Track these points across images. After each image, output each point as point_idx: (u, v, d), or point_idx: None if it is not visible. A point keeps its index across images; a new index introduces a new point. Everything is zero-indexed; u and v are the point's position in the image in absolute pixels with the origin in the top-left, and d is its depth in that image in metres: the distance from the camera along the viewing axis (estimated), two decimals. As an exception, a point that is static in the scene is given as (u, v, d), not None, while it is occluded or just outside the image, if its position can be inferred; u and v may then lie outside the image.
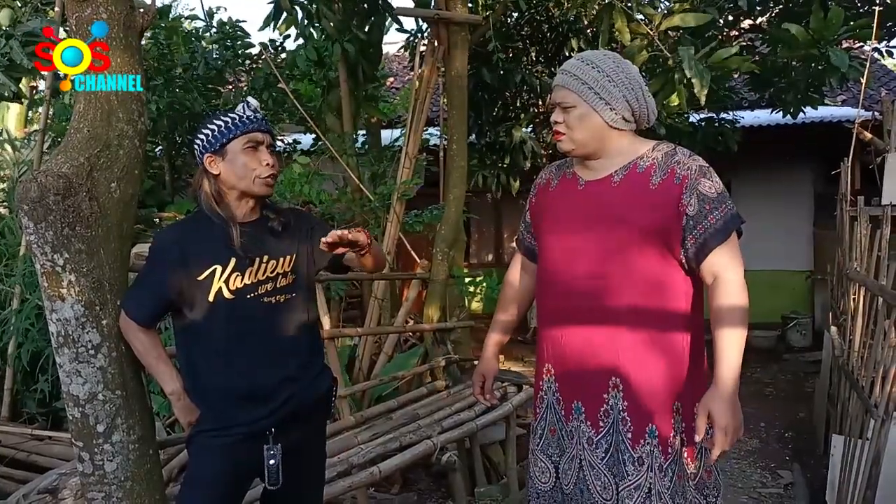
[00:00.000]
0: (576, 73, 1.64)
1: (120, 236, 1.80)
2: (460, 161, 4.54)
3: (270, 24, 4.92)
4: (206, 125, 1.71)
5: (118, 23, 1.80)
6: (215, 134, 1.69)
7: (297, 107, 5.06)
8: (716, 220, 1.57)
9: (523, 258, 1.95)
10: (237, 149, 1.68)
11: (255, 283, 1.70)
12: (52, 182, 1.63)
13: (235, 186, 1.71)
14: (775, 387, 5.87)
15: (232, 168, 1.69)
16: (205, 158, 1.69)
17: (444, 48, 4.47)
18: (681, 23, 3.98)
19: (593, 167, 1.69)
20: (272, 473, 1.69)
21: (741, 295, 1.57)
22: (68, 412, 1.77)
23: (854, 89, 7.25)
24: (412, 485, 3.58)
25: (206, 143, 1.69)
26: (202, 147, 1.70)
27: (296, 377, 1.75)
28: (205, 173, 1.71)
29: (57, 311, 1.70)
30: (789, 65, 4.75)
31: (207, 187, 1.70)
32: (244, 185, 1.70)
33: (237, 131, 1.68)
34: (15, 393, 3.89)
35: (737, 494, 3.60)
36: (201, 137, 1.70)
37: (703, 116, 6.18)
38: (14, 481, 2.98)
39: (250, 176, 1.69)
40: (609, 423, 1.63)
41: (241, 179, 1.69)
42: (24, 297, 3.94)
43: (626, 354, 1.61)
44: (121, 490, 1.78)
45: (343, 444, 2.89)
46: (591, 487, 1.66)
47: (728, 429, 1.49)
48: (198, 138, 1.71)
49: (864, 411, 2.71)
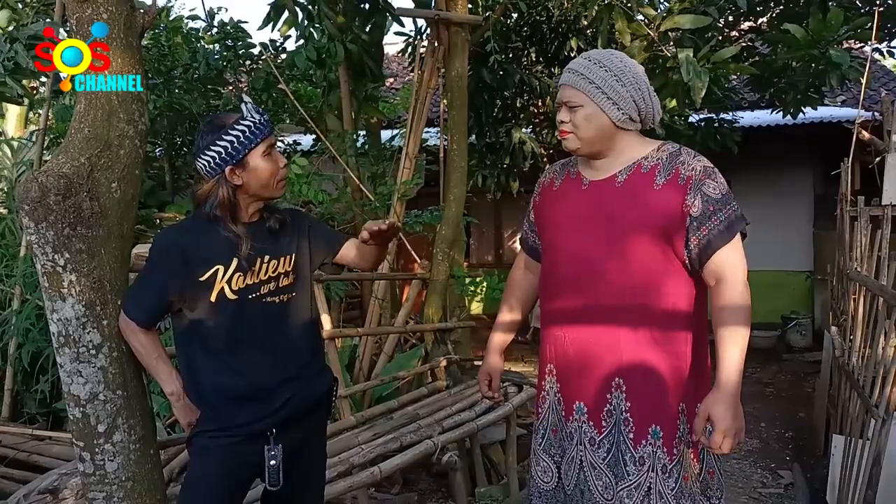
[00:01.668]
0: (583, 72, 1.62)
1: (120, 236, 1.80)
2: (460, 161, 4.54)
3: (270, 25, 4.92)
4: (221, 137, 1.64)
5: (119, 23, 1.80)
6: (235, 146, 1.64)
7: (297, 107, 5.07)
8: (720, 221, 1.55)
9: (527, 257, 1.94)
10: (258, 157, 1.67)
11: (258, 283, 1.70)
12: (52, 182, 1.63)
13: (258, 193, 1.70)
14: (775, 387, 5.87)
15: (255, 177, 1.67)
16: (227, 171, 1.65)
17: (444, 48, 4.47)
18: (679, 25, 3.98)
19: (597, 167, 1.69)
20: (273, 474, 1.69)
21: (744, 297, 1.55)
22: (69, 412, 1.77)
23: (854, 90, 7.24)
24: (413, 485, 3.58)
25: (225, 156, 1.64)
26: (221, 160, 1.64)
27: (297, 377, 1.75)
28: (224, 184, 1.66)
29: (58, 311, 1.70)
30: (789, 65, 4.75)
31: (224, 197, 1.66)
32: (268, 191, 1.71)
33: (256, 140, 1.66)
34: (15, 393, 3.89)
35: (737, 494, 3.60)
36: (217, 150, 1.64)
37: (703, 116, 6.18)
38: (14, 481, 2.98)
39: (273, 182, 1.70)
40: (612, 423, 1.63)
41: (265, 187, 1.69)
42: (25, 297, 3.95)
43: (629, 355, 1.60)
44: (122, 490, 1.78)
45: (344, 444, 2.89)
46: (591, 488, 1.65)
47: (729, 431, 1.48)
48: (212, 151, 1.64)
49: (865, 411, 2.71)
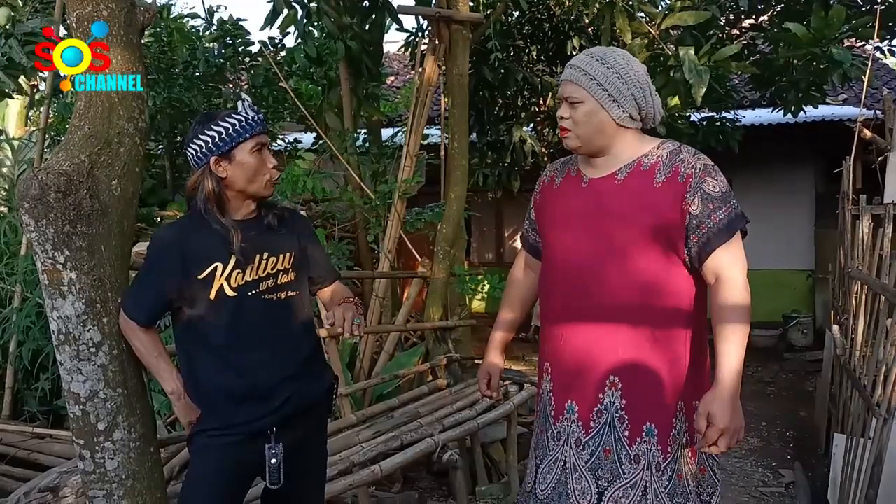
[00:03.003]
0: (585, 69, 1.61)
1: (121, 234, 1.80)
2: (461, 159, 4.53)
3: (270, 24, 4.92)
4: (210, 127, 1.66)
5: (119, 20, 1.80)
6: (223, 137, 1.65)
7: (297, 105, 5.06)
8: (719, 219, 1.55)
9: (528, 256, 1.94)
10: (246, 152, 1.67)
11: (256, 280, 1.70)
12: (52, 179, 1.62)
13: (244, 189, 1.70)
14: (777, 386, 5.86)
15: (241, 171, 1.67)
16: (211, 161, 1.66)
17: (445, 46, 4.47)
18: (681, 21, 3.97)
19: (598, 165, 1.68)
20: (274, 472, 1.68)
21: (743, 295, 1.54)
22: (69, 410, 1.77)
23: (855, 88, 7.24)
24: (413, 483, 3.57)
25: (212, 146, 1.65)
26: (207, 149, 1.66)
27: (297, 375, 1.74)
28: (208, 175, 1.67)
29: (58, 309, 1.69)
30: (790, 63, 4.74)
31: (209, 188, 1.67)
32: (254, 188, 1.70)
33: (246, 134, 1.67)
34: (16, 391, 3.89)
35: (738, 493, 3.60)
36: (205, 139, 1.66)
37: (704, 115, 6.17)
38: (15, 479, 2.99)
39: (260, 179, 1.70)
40: (600, 424, 1.62)
41: (251, 182, 1.69)
42: (25, 295, 3.95)
43: (627, 353, 1.60)
44: (122, 488, 1.78)
45: (344, 442, 2.89)
46: (570, 492, 1.63)
47: (728, 430, 1.47)
48: (199, 140, 1.66)
49: (867, 410, 2.71)
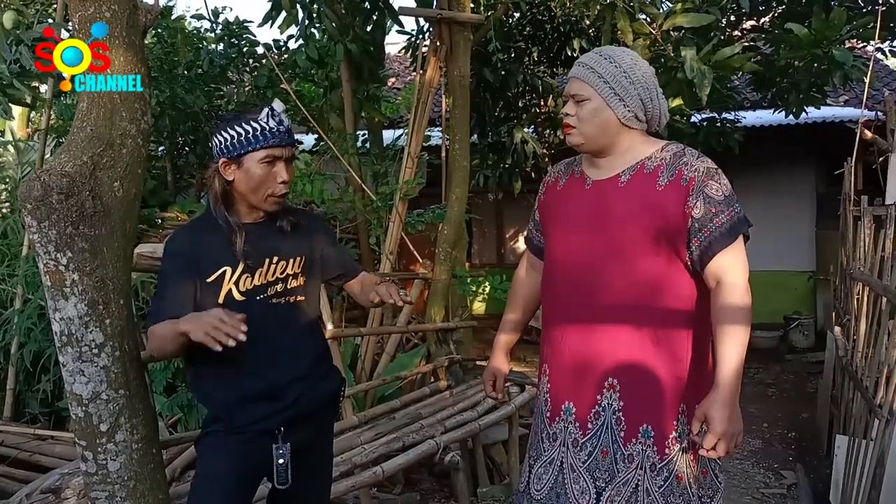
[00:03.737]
0: (593, 66, 1.61)
1: (123, 235, 1.80)
2: (463, 161, 4.53)
3: (269, 22, 4.92)
4: (231, 127, 1.63)
5: (121, 21, 1.80)
6: (234, 142, 1.62)
7: (299, 106, 5.07)
8: (721, 223, 1.54)
9: (532, 257, 1.93)
10: (254, 161, 1.63)
11: (265, 285, 1.69)
12: (55, 181, 1.62)
13: (246, 197, 1.68)
14: (778, 387, 5.86)
15: (246, 179, 1.64)
16: (220, 162, 1.65)
17: (446, 48, 4.47)
18: (683, 22, 3.97)
19: (601, 166, 1.68)
20: (281, 472, 1.68)
21: (744, 299, 1.53)
22: (71, 411, 1.77)
23: (856, 89, 7.23)
24: (415, 485, 3.57)
25: (223, 148, 1.63)
26: (221, 149, 1.64)
27: (305, 377, 1.74)
28: (217, 175, 1.66)
29: (60, 311, 1.69)
30: (792, 65, 4.74)
31: (218, 188, 1.66)
32: (255, 199, 1.67)
33: (257, 145, 1.62)
34: (17, 393, 3.89)
35: (740, 495, 3.59)
36: (222, 139, 1.63)
37: (705, 116, 6.16)
38: (17, 481, 2.99)
39: (262, 192, 1.66)
40: (598, 425, 1.62)
41: (253, 193, 1.66)
42: (27, 296, 3.95)
43: (626, 355, 1.59)
44: (124, 489, 1.78)
45: (346, 443, 2.89)
46: (568, 491, 1.63)
47: (725, 434, 1.46)
48: (218, 137, 1.64)
49: (868, 412, 2.70)
